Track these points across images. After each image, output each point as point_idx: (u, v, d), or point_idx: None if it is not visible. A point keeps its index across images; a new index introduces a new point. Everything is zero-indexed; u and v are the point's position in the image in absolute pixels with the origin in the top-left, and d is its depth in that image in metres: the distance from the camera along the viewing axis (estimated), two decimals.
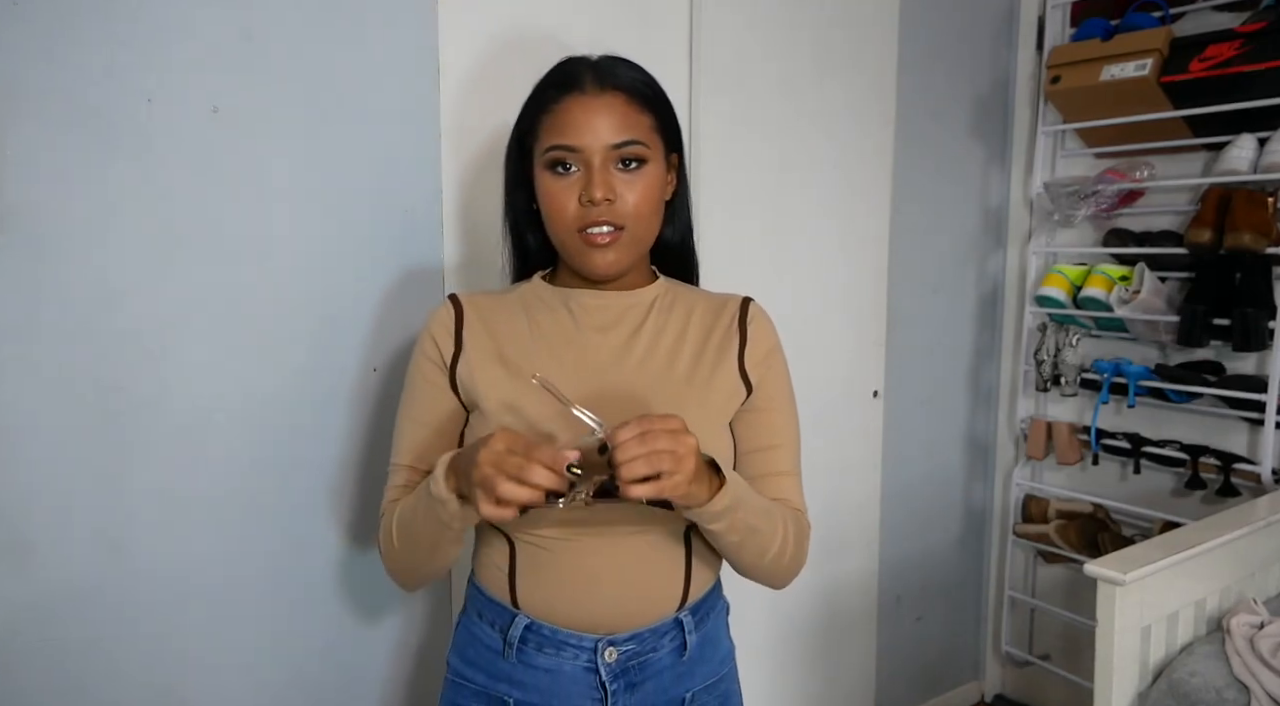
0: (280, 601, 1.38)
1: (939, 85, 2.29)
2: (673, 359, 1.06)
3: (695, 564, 1.07)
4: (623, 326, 1.07)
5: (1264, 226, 1.93)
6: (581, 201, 0.99)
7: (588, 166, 0.99)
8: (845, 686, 2.24)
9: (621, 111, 1.00)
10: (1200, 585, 1.56)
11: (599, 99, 1.00)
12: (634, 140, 1.00)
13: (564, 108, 1.00)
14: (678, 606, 1.07)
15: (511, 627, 1.05)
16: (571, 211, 1.00)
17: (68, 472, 1.19)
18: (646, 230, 1.04)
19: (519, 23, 1.53)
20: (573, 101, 1.00)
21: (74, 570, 1.21)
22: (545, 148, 1.01)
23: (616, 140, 0.99)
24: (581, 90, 1.00)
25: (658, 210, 1.05)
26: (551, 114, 1.01)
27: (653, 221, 1.05)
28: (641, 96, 1.03)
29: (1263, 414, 1.98)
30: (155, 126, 1.20)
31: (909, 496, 2.38)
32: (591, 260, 1.02)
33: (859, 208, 2.09)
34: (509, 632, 1.05)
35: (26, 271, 1.14)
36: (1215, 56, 1.98)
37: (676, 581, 1.06)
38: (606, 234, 1.00)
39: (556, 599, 1.03)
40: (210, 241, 1.26)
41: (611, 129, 0.99)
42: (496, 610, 1.07)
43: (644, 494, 0.83)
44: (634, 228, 1.02)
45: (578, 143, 0.99)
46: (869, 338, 2.15)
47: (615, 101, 1.01)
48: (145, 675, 1.27)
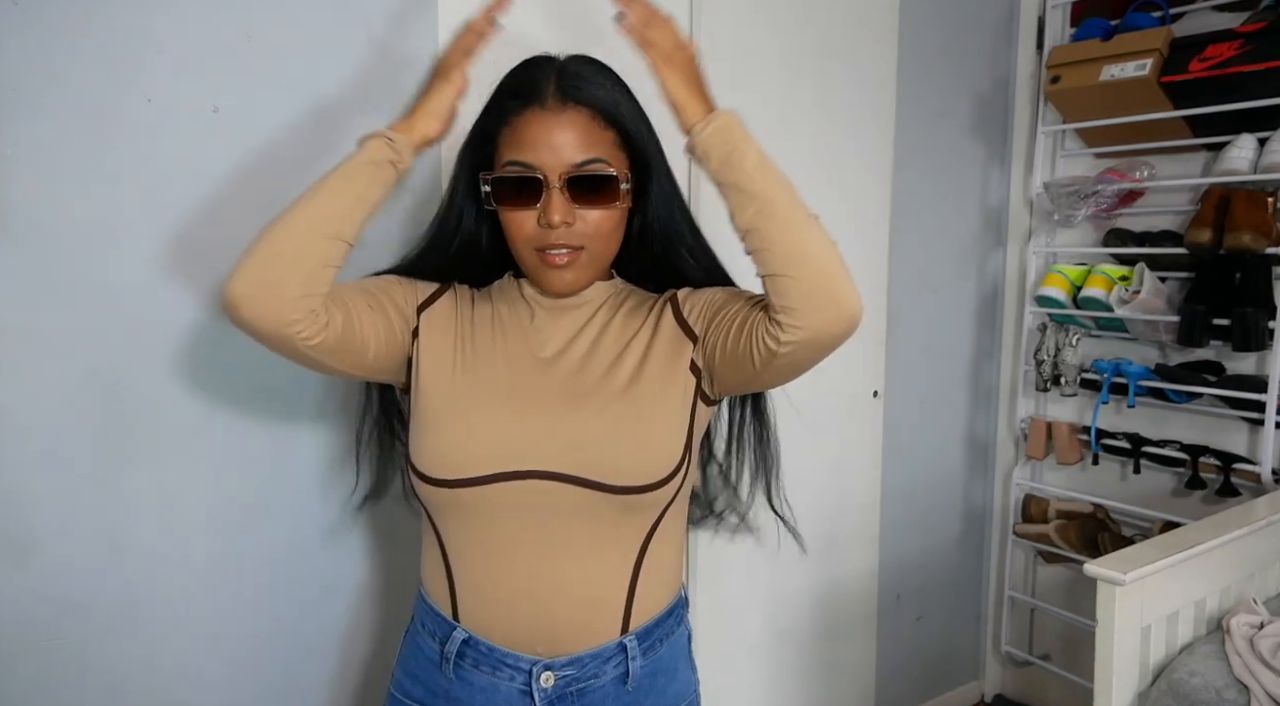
0: (280, 601, 1.38)
1: (939, 85, 2.29)
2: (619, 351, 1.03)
3: (641, 585, 1.01)
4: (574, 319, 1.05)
5: (1264, 226, 1.93)
6: (540, 223, 0.96)
7: (547, 186, 0.95)
8: (845, 686, 2.24)
9: (584, 128, 0.96)
10: (1200, 585, 1.56)
11: (560, 116, 0.96)
12: (595, 159, 0.96)
13: (524, 122, 0.97)
14: (620, 630, 1.01)
15: (449, 641, 1.01)
16: (529, 230, 0.98)
17: (68, 472, 1.19)
18: (605, 248, 1.02)
19: (519, 21, 1.53)
20: (533, 116, 0.96)
21: (74, 570, 1.21)
22: (504, 161, 0.98)
23: (577, 159, 0.95)
24: (543, 105, 0.96)
25: (618, 227, 1.02)
26: (511, 127, 0.98)
27: (612, 239, 1.02)
28: (605, 112, 0.98)
29: (1263, 414, 1.98)
30: (155, 126, 1.20)
31: (909, 496, 2.38)
32: (549, 280, 1.00)
33: (859, 207, 2.09)
34: (446, 646, 1.01)
35: (26, 271, 1.14)
36: (1215, 56, 1.98)
37: (618, 602, 1.00)
38: (565, 254, 0.98)
39: (494, 614, 0.99)
40: (210, 241, 1.26)
41: (572, 147, 0.95)
42: (437, 621, 1.03)
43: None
44: (593, 247, 0.99)
45: (536, 161, 0.95)
46: (869, 337, 2.15)
47: (578, 118, 0.96)
48: (145, 675, 1.28)
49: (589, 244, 0.99)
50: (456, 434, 0.97)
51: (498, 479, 0.95)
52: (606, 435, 0.97)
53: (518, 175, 0.96)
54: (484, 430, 0.97)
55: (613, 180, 0.97)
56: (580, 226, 0.97)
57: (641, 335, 1.04)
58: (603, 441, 0.97)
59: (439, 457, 0.97)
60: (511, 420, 0.98)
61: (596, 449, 0.96)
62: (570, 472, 0.95)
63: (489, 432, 0.97)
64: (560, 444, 0.96)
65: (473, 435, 0.97)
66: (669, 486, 0.98)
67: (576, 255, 0.99)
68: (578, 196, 0.96)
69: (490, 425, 0.98)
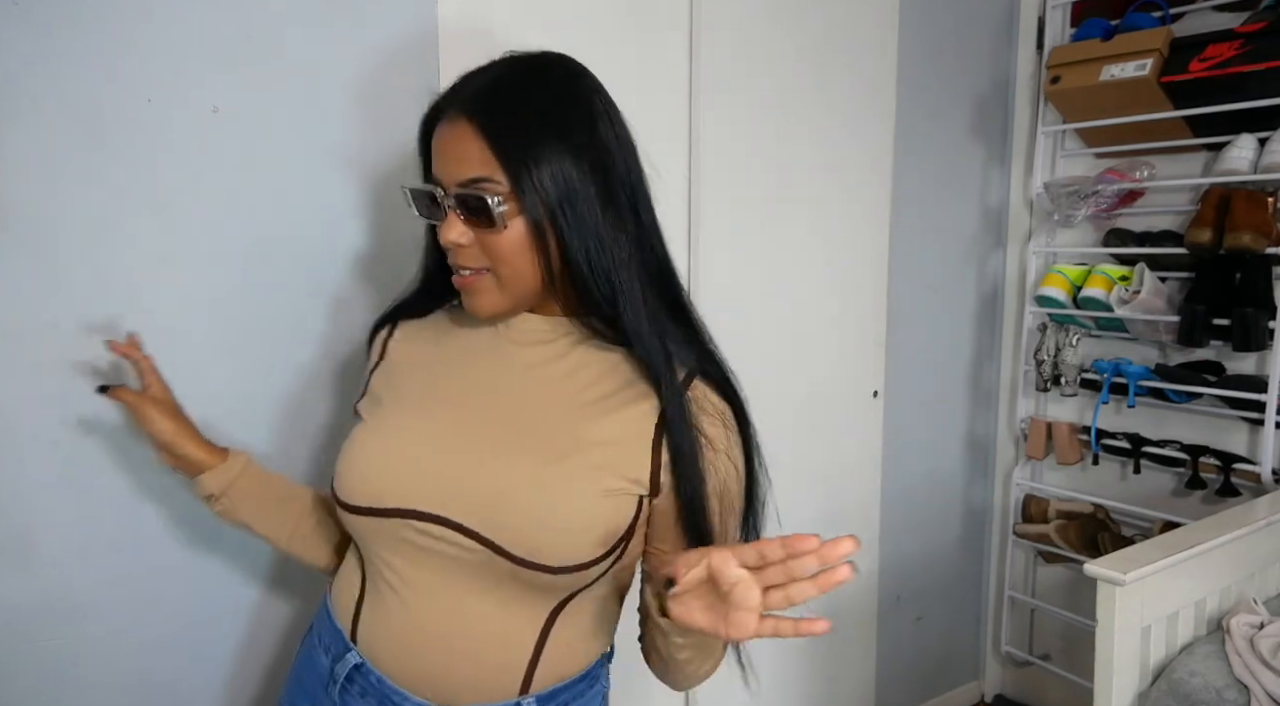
0: (281, 601, 1.38)
1: (939, 85, 2.29)
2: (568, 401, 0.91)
3: (549, 647, 0.92)
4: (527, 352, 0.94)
5: (1264, 226, 1.93)
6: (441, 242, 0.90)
7: (443, 204, 0.88)
8: (845, 686, 2.24)
9: (469, 143, 0.85)
10: (1200, 585, 1.55)
11: (453, 127, 0.86)
12: (478, 178, 0.84)
13: (435, 134, 0.89)
14: (519, 690, 0.92)
15: (341, 662, 0.95)
16: (441, 249, 0.91)
17: (68, 472, 1.19)
18: (515, 272, 0.87)
19: (519, 22, 1.53)
20: (437, 126, 0.89)
21: (74, 570, 1.21)
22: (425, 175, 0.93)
23: (461, 178, 0.86)
24: (441, 113, 0.89)
25: (523, 252, 0.86)
26: (430, 139, 0.91)
27: (518, 262, 0.87)
28: (486, 125, 0.84)
29: (1263, 414, 1.98)
30: (155, 126, 1.20)
31: (909, 496, 2.38)
32: (468, 303, 0.92)
33: (859, 208, 2.09)
34: (337, 666, 0.95)
35: (26, 271, 1.14)
36: (1215, 56, 1.98)
37: (519, 663, 0.91)
38: (470, 276, 0.89)
39: (391, 647, 0.92)
40: (210, 241, 1.26)
41: (458, 162, 0.86)
42: (334, 637, 0.97)
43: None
44: (501, 270, 0.88)
45: (437, 175, 0.88)
46: (869, 338, 2.15)
47: (465, 131, 0.85)
48: (144, 675, 1.28)
49: (495, 267, 0.88)
50: (374, 458, 0.91)
51: (398, 514, 0.88)
52: (523, 504, 0.86)
53: (419, 188, 0.91)
54: (400, 462, 0.90)
55: (484, 202, 0.84)
56: (478, 249, 0.88)
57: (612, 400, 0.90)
58: (517, 509, 0.86)
59: (345, 479, 0.91)
60: (427, 455, 0.90)
61: (508, 516, 0.86)
62: (475, 529, 0.86)
63: (404, 466, 0.89)
64: (473, 498, 0.87)
65: (386, 463, 0.90)
66: (581, 575, 0.87)
67: (480, 277, 0.89)
68: (466, 217, 0.87)
69: (403, 458, 0.90)
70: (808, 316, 2.01)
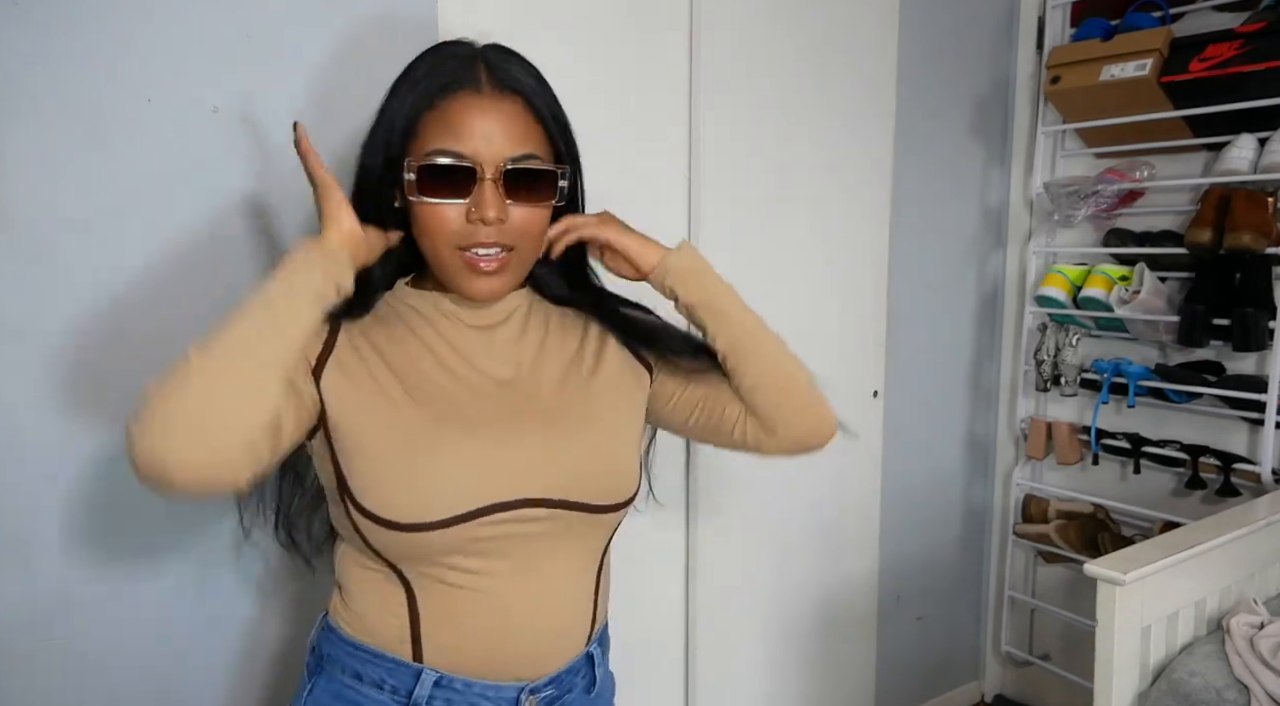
0: (281, 601, 1.38)
1: (939, 85, 2.29)
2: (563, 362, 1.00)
3: (600, 594, 1.01)
4: (507, 330, 0.98)
5: (1264, 226, 1.93)
6: (470, 218, 0.87)
7: (480, 178, 0.87)
8: (845, 686, 2.24)
9: (522, 121, 0.89)
10: (1200, 585, 1.55)
11: (498, 103, 0.88)
12: (532, 154, 0.89)
13: (456, 107, 0.87)
14: (587, 639, 0.99)
15: (418, 686, 0.91)
16: (454, 227, 0.88)
17: (67, 472, 1.19)
18: (534, 251, 0.95)
19: (519, 22, 1.53)
20: (468, 101, 0.87)
21: (73, 570, 1.21)
22: (427, 150, 0.87)
23: (515, 153, 0.87)
24: (478, 89, 0.87)
25: (546, 228, 0.95)
26: (438, 112, 0.88)
27: (540, 241, 0.95)
28: (538, 105, 0.91)
29: (1263, 414, 1.98)
30: (155, 126, 1.20)
31: (909, 496, 2.38)
32: (473, 285, 0.91)
33: (859, 207, 2.09)
34: (415, 693, 0.91)
35: (26, 271, 1.14)
36: (1215, 56, 1.98)
37: (586, 615, 0.98)
38: (494, 257, 0.89)
39: (470, 646, 0.91)
40: (210, 241, 1.26)
41: (510, 140, 0.87)
42: (389, 667, 0.92)
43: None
44: (523, 248, 0.92)
45: (470, 151, 0.86)
46: (869, 338, 2.15)
47: (515, 108, 0.89)
48: (144, 675, 1.28)
49: (519, 244, 0.91)
50: (427, 472, 0.87)
51: (482, 513, 0.87)
52: (588, 456, 0.95)
53: (444, 164, 0.87)
54: (460, 464, 0.88)
55: (551, 176, 0.91)
56: (510, 226, 0.89)
57: (585, 355, 1.02)
58: (586, 463, 0.94)
59: (407, 501, 0.86)
60: (491, 449, 0.90)
61: (582, 471, 0.94)
62: (561, 497, 0.92)
63: (467, 467, 0.89)
64: (548, 468, 0.92)
65: (448, 472, 0.88)
66: (634, 501, 0.99)
67: (506, 260, 0.91)
68: (513, 191, 0.88)
69: (466, 458, 0.89)
70: (808, 316, 2.01)
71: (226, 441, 0.75)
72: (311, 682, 0.98)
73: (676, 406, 1.07)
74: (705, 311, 1.01)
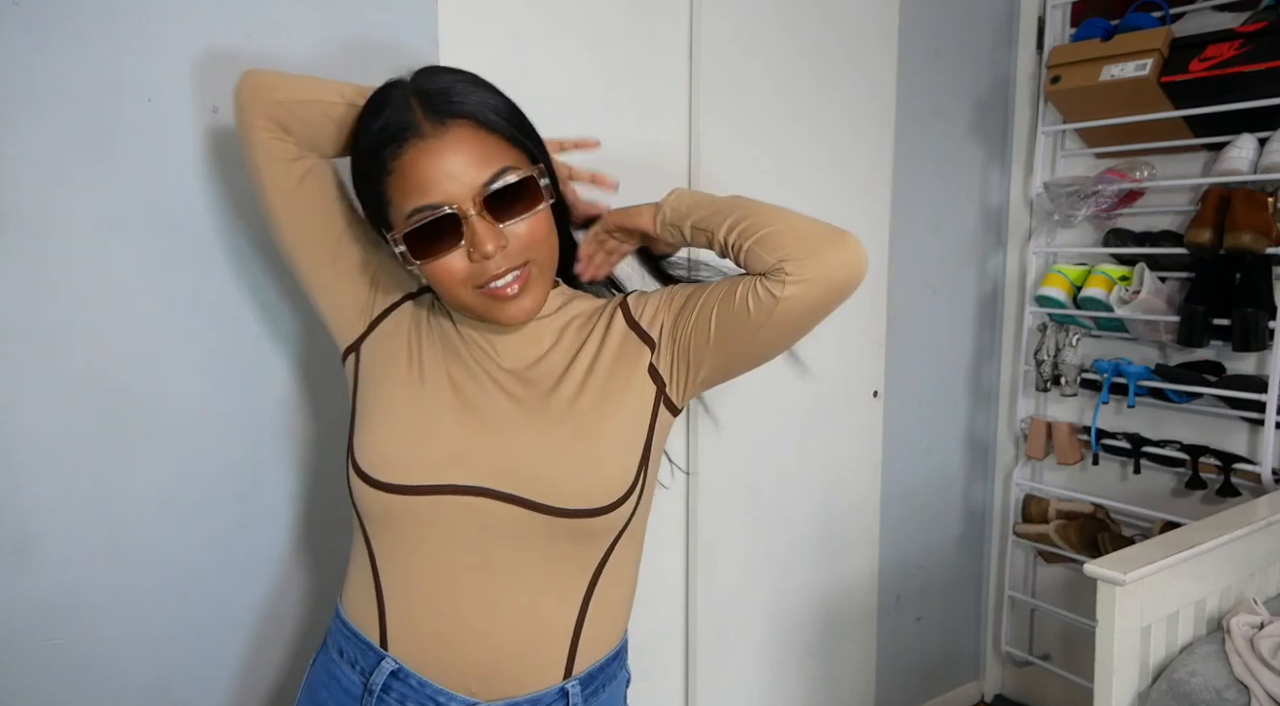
0: (280, 601, 1.38)
1: (939, 85, 2.29)
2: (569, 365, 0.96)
3: (589, 623, 0.94)
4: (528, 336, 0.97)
5: (1264, 226, 1.93)
6: (473, 259, 0.87)
7: (464, 218, 0.85)
8: (845, 686, 2.24)
9: (478, 143, 0.86)
10: (1200, 585, 1.56)
11: (443, 139, 0.85)
12: (504, 169, 0.86)
13: (408, 162, 0.85)
14: (563, 673, 0.93)
15: (375, 672, 0.92)
16: (463, 273, 0.88)
17: (68, 472, 1.19)
18: (549, 255, 0.93)
19: (519, 22, 1.53)
20: (417, 150, 0.85)
21: (74, 570, 1.21)
22: (406, 213, 0.86)
23: (484, 178, 0.85)
24: (421, 135, 0.85)
25: (552, 229, 0.92)
26: (395, 175, 0.86)
27: (549, 243, 0.92)
28: (485, 118, 0.87)
29: (1263, 414, 1.98)
30: (155, 126, 1.20)
31: (909, 496, 2.38)
32: (504, 313, 0.90)
33: (859, 207, 2.09)
34: (371, 677, 0.92)
35: (26, 271, 1.14)
36: (1215, 56, 1.98)
37: (563, 641, 0.92)
38: (513, 280, 0.88)
39: (428, 645, 0.91)
40: (210, 241, 1.26)
41: (476, 167, 0.85)
42: (361, 649, 0.94)
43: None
44: (538, 258, 0.90)
45: (440, 198, 0.85)
46: (869, 337, 2.15)
47: (466, 134, 0.86)
48: (144, 675, 1.27)
49: (533, 256, 0.90)
50: (405, 435, 0.91)
51: (439, 490, 0.88)
52: (554, 454, 0.90)
53: (428, 220, 0.85)
54: (431, 437, 0.91)
55: (528, 182, 0.88)
56: (516, 246, 0.88)
57: (589, 345, 0.97)
58: (549, 461, 0.90)
59: (383, 457, 0.90)
60: (458, 432, 0.91)
61: (542, 469, 0.89)
62: (513, 492, 0.89)
63: (436, 440, 0.90)
64: (505, 462, 0.89)
65: (420, 439, 0.90)
66: (621, 510, 0.91)
67: (526, 275, 0.89)
68: (501, 214, 0.87)
69: (438, 434, 0.91)
70: None
71: (276, 114, 0.95)
72: (316, 656, 1.03)
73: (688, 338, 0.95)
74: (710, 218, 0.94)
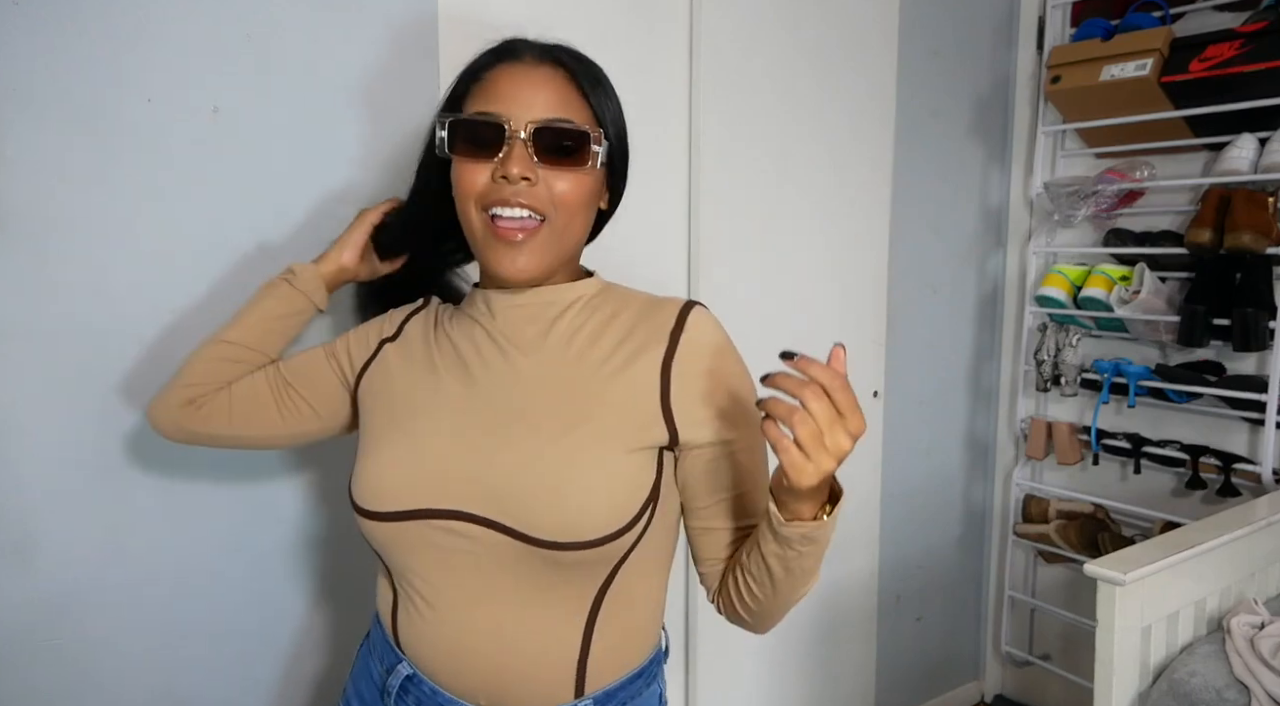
0: (279, 602, 1.38)
1: (939, 85, 2.29)
2: (577, 368, 0.90)
3: (598, 644, 0.89)
4: (534, 327, 0.92)
5: (1264, 226, 1.93)
6: (495, 178, 0.84)
7: (509, 135, 0.84)
8: (845, 686, 2.24)
9: (560, 88, 0.87)
10: (1200, 585, 1.55)
11: (536, 70, 0.87)
12: (568, 118, 0.86)
13: (496, 75, 0.88)
14: (574, 691, 0.89)
15: (392, 674, 0.93)
16: (481, 186, 0.85)
17: (68, 472, 1.19)
18: (569, 227, 0.88)
19: (519, 21, 1.53)
20: (506, 69, 0.88)
21: (74, 570, 1.21)
22: (469, 113, 0.88)
23: (548, 115, 0.85)
24: (518, 58, 0.88)
25: (588, 206, 0.90)
26: (482, 82, 0.88)
27: (580, 219, 0.89)
28: (584, 79, 0.89)
29: (1263, 414, 1.98)
30: (155, 126, 1.20)
31: (909, 496, 2.38)
32: (499, 259, 0.86)
33: (859, 207, 2.09)
34: (390, 678, 0.93)
35: (26, 271, 1.14)
36: (1215, 56, 1.98)
37: (568, 661, 0.89)
38: (521, 221, 0.85)
39: (436, 657, 0.90)
40: (210, 241, 1.26)
41: (544, 103, 0.85)
42: (385, 647, 0.95)
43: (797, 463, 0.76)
44: (557, 220, 0.86)
45: (502, 111, 0.85)
46: (869, 337, 2.15)
47: (555, 77, 0.87)
48: (144, 675, 1.27)
49: (552, 215, 0.86)
50: (389, 460, 0.89)
51: (415, 515, 0.86)
52: (540, 480, 0.84)
53: (479, 126, 0.86)
54: (413, 461, 0.88)
55: (585, 138, 0.86)
56: (542, 190, 0.85)
57: (617, 359, 0.89)
58: (531, 487, 0.84)
59: (369, 485, 0.89)
60: (443, 451, 0.88)
61: (523, 495, 0.84)
62: (491, 518, 0.84)
63: (417, 464, 0.88)
64: (485, 484, 0.85)
65: (401, 464, 0.88)
66: (613, 545, 0.85)
67: (535, 230, 0.85)
68: (543, 153, 0.85)
69: (421, 456, 0.88)
70: (808, 316, 2.01)
71: (180, 397, 1.05)
72: (360, 647, 1.05)
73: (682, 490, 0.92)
74: (793, 562, 0.84)
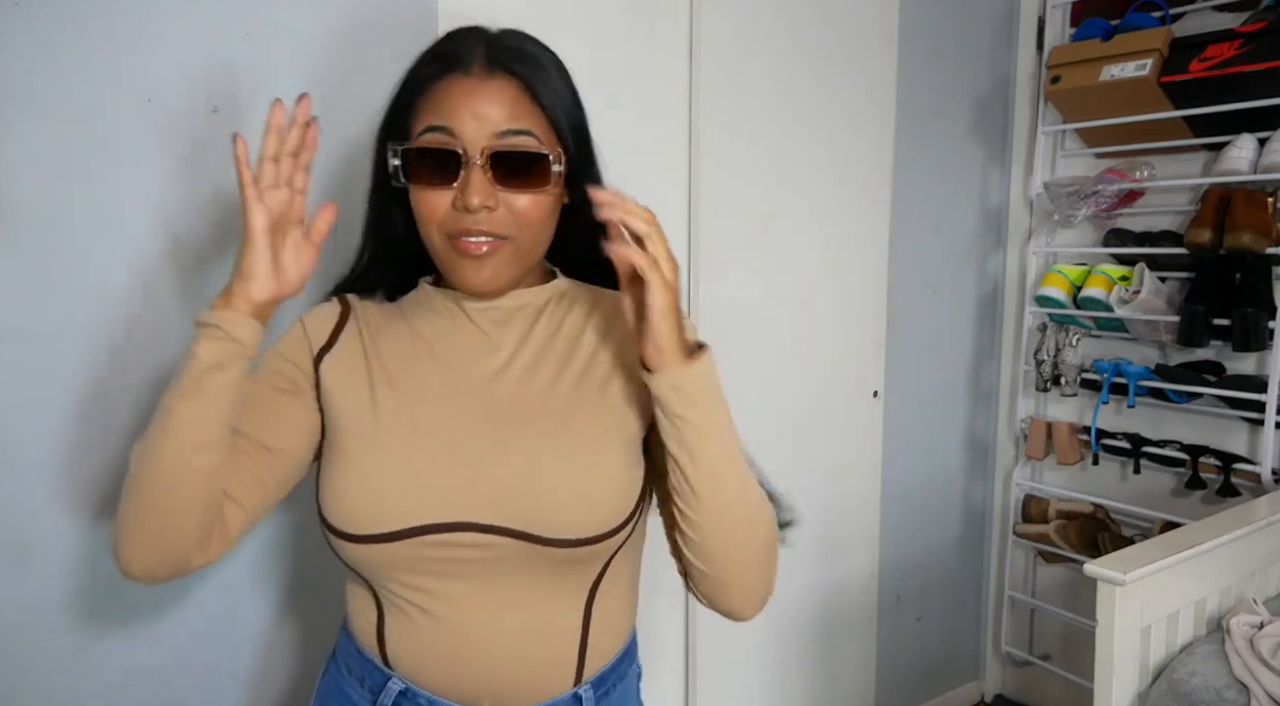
0: (277, 602, 1.38)
1: (939, 85, 2.29)
2: (564, 364, 0.90)
3: (594, 631, 0.90)
4: (511, 328, 0.91)
5: (1264, 226, 1.93)
6: (455, 206, 0.83)
7: (466, 162, 0.82)
8: (845, 686, 2.24)
9: (511, 100, 0.84)
10: (1200, 585, 1.55)
11: (486, 83, 0.84)
12: (523, 130, 0.83)
13: (444, 87, 0.84)
14: (574, 679, 0.90)
15: (383, 692, 0.90)
16: (442, 213, 0.84)
17: (68, 472, 1.19)
18: (534, 241, 0.87)
19: (518, 24, 1.53)
20: (454, 82, 0.84)
21: (74, 570, 1.21)
22: (420, 130, 0.85)
23: (503, 128, 0.83)
24: (466, 71, 0.84)
25: (549, 218, 0.88)
26: (429, 95, 0.85)
27: (542, 231, 0.87)
28: (535, 86, 0.85)
29: (1263, 414, 1.98)
30: (155, 126, 1.20)
31: (909, 496, 2.38)
32: (463, 273, 0.85)
33: (859, 207, 2.09)
34: (380, 697, 0.90)
35: (26, 271, 1.14)
36: (1215, 56, 1.98)
37: (570, 652, 0.89)
38: (484, 242, 0.84)
39: (433, 667, 0.88)
40: (210, 242, 1.26)
41: (498, 119, 0.83)
42: (367, 667, 0.91)
43: (627, 254, 0.76)
44: (520, 239, 0.85)
45: (455, 128, 0.82)
46: (869, 337, 2.15)
47: (506, 88, 0.84)
48: (145, 675, 1.27)
49: (515, 234, 0.85)
50: (362, 477, 0.85)
51: (416, 533, 0.83)
52: (542, 482, 0.84)
53: (433, 146, 0.83)
54: (394, 475, 0.85)
55: (543, 160, 0.84)
56: (503, 213, 0.83)
57: (601, 352, 0.90)
58: (538, 490, 0.84)
59: (351, 510, 0.84)
60: (437, 463, 0.85)
61: (531, 499, 0.84)
62: (502, 524, 0.83)
63: (400, 479, 0.85)
64: (490, 492, 0.84)
65: (387, 482, 0.84)
66: (618, 537, 0.86)
67: (499, 246, 0.84)
68: (502, 177, 0.83)
69: (411, 471, 0.85)
70: (808, 316, 2.01)
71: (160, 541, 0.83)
72: (326, 667, 1.00)
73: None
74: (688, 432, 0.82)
